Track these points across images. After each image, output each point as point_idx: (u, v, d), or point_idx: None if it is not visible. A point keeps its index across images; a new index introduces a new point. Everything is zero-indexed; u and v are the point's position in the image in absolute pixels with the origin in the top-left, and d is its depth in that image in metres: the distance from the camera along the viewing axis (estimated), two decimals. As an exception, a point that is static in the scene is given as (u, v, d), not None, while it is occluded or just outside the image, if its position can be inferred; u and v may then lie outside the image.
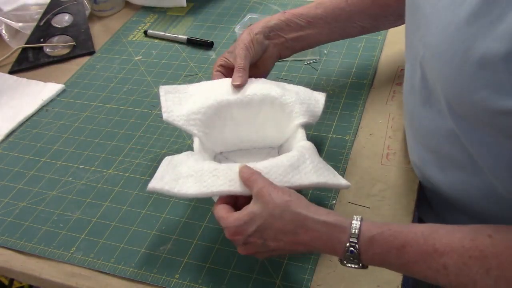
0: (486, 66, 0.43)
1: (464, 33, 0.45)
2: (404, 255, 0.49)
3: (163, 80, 0.93)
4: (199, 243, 0.65)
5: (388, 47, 0.92)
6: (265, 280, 0.60)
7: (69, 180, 0.76)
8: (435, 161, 0.61)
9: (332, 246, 0.52)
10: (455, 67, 0.47)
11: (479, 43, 0.44)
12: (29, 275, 0.65)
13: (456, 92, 0.48)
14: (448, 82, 0.49)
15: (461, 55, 0.46)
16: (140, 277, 0.62)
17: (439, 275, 0.48)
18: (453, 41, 0.47)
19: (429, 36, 0.51)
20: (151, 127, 0.83)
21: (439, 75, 0.51)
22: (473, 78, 0.45)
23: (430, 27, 0.51)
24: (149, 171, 0.75)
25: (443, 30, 0.48)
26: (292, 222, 0.52)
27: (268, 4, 1.10)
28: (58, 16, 1.09)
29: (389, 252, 0.50)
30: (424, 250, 0.48)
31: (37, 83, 0.96)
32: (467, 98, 0.47)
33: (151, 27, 1.09)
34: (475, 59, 0.44)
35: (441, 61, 0.49)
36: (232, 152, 0.72)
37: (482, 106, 0.46)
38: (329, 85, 0.86)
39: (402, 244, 0.49)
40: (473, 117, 0.49)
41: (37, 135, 0.85)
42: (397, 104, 0.81)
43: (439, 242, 0.48)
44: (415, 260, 0.49)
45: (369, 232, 0.50)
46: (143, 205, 0.70)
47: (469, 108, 0.48)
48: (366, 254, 0.50)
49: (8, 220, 0.71)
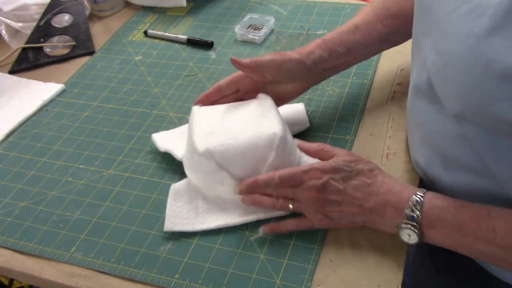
0: (509, 79, 0.43)
1: (485, 44, 0.45)
2: (460, 214, 0.54)
3: (163, 80, 0.93)
4: (199, 243, 0.65)
5: (388, 47, 0.92)
6: (265, 280, 0.60)
7: (69, 180, 0.76)
8: (441, 162, 0.61)
9: (398, 201, 0.57)
10: (474, 77, 0.46)
11: (501, 56, 0.43)
12: (29, 275, 0.65)
13: (473, 103, 0.48)
14: (465, 92, 0.48)
15: (482, 67, 0.45)
16: (140, 277, 0.62)
17: (488, 236, 0.52)
18: (473, 52, 0.46)
19: (445, 44, 0.50)
20: (151, 127, 0.83)
21: (455, 84, 0.50)
22: (494, 90, 0.45)
23: (445, 35, 0.50)
24: (149, 171, 0.75)
25: (462, 40, 0.47)
26: (373, 183, 0.59)
27: (268, 4, 1.10)
28: (58, 16, 1.09)
29: (447, 208, 0.54)
30: (479, 212, 0.53)
31: (37, 83, 0.96)
32: (485, 109, 0.47)
33: (151, 27, 1.09)
34: (497, 71, 0.44)
35: (458, 70, 0.48)
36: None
37: (501, 117, 0.46)
38: (329, 85, 0.86)
39: (461, 205, 0.54)
40: (488, 125, 0.49)
41: (37, 135, 0.85)
42: (397, 104, 0.80)
43: (492, 209, 0.53)
44: (470, 219, 0.53)
45: (432, 194, 0.56)
46: (143, 205, 0.70)
47: (485, 118, 0.48)
48: (427, 206, 0.55)
49: (8, 220, 0.71)
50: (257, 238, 0.64)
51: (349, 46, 0.72)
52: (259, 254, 0.62)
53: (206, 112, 0.70)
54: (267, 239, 0.64)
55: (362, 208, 0.59)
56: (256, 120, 0.67)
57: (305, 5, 1.08)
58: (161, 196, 0.71)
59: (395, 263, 0.59)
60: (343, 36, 0.72)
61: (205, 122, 0.68)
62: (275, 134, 0.64)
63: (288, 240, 0.63)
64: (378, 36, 0.73)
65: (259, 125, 0.65)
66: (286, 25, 1.02)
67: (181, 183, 0.70)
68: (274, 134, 0.64)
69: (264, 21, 1.02)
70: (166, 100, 0.88)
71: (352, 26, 0.73)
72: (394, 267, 0.59)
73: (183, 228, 0.65)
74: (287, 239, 0.64)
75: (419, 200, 0.55)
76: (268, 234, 0.64)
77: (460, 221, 0.54)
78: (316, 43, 0.72)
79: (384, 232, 0.61)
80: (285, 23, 1.03)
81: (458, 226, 0.54)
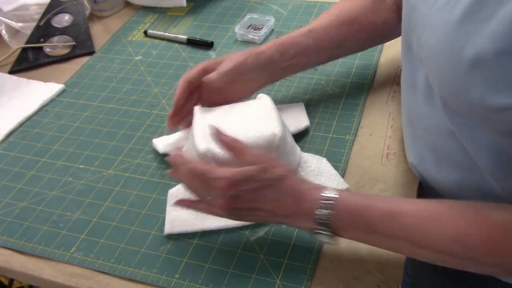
0: (480, 64, 0.44)
1: (457, 32, 0.46)
2: (370, 216, 0.54)
3: (163, 80, 0.93)
4: (199, 243, 0.65)
5: (388, 47, 0.92)
6: (265, 280, 0.60)
7: (69, 180, 0.76)
8: (433, 160, 0.61)
9: (308, 208, 0.56)
10: (451, 66, 0.47)
11: (472, 42, 0.44)
12: (29, 275, 0.65)
13: (452, 91, 0.49)
14: (444, 81, 0.49)
15: (456, 54, 0.46)
16: (140, 277, 0.62)
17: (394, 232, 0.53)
18: (448, 41, 0.47)
19: (426, 37, 0.51)
20: (151, 127, 0.83)
21: (435, 75, 0.51)
22: (468, 77, 0.45)
23: (427, 28, 0.51)
24: (149, 171, 0.75)
25: (439, 30, 0.48)
26: (289, 193, 0.57)
27: (268, 4, 1.10)
28: (58, 16, 1.09)
29: (355, 210, 0.54)
30: (388, 211, 0.53)
31: (37, 83, 0.96)
32: (463, 96, 0.47)
33: (151, 27, 1.09)
34: (469, 57, 0.44)
35: (437, 61, 0.49)
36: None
37: (479, 103, 0.46)
38: (329, 85, 0.86)
39: (368, 206, 0.54)
40: (470, 114, 0.50)
41: (37, 135, 0.85)
42: (397, 104, 0.81)
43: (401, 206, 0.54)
44: (379, 221, 0.53)
45: (342, 196, 0.55)
46: (143, 205, 0.71)
47: (466, 106, 0.49)
48: (337, 209, 0.54)
49: (8, 220, 0.71)
50: (257, 238, 0.64)
51: (301, 49, 0.74)
52: (259, 254, 0.62)
53: (207, 112, 0.70)
54: (267, 239, 0.64)
55: (275, 214, 0.58)
56: (256, 121, 0.67)
57: (305, 5, 1.08)
58: (161, 196, 0.71)
59: (395, 263, 0.59)
60: (296, 39, 0.75)
61: (206, 122, 0.68)
62: (275, 135, 0.64)
63: (288, 240, 0.63)
64: (331, 41, 0.75)
65: (259, 126, 0.65)
66: (286, 25, 1.02)
67: (177, 187, 0.71)
68: (273, 135, 0.64)
69: (264, 21, 1.02)
70: (166, 100, 0.88)
71: (307, 30, 0.75)
72: (394, 267, 0.59)
73: (182, 230, 0.66)
74: (287, 239, 0.64)
75: (328, 205, 0.55)
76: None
77: (368, 222, 0.54)
78: (269, 45, 0.74)
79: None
80: (285, 23, 1.03)
81: (370, 229, 0.54)
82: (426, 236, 0.51)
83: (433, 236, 0.51)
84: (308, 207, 0.55)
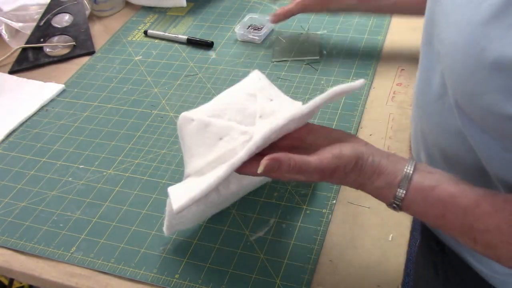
0: (500, 70, 0.43)
1: (480, 33, 0.44)
2: (441, 221, 0.51)
3: (163, 80, 0.93)
4: (199, 243, 0.65)
5: (388, 47, 0.92)
6: (265, 280, 0.60)
7: (69, 180, 0.76)
8: (442, 159, 0.61)
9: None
10: (468, 67, 0.46)
11: (495, 45, 0.43)
12: (29, 275, 0.65)
13: (466, 92, 0.48)
14: (460, 81, 0.48)
15: (476, 56, 0.45)
16: (140, 277, 0.62)
17: (469, 244, 0.50)
18: (469, 41, 0.46)
19: (446, 33, 0.50)
20: (151, 127, 0.83)
21: (452, 73, 0.50)
22: (485, 80, 0.44)
23: (448, 24, 0.50)
24: (149, 171, 0.75)
25: (461, 28, 0.47)
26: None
27: (268, 4, 1.10)
28: (58, 16, 1.09)
29: (427, 213, 0.52)
30: (462, 224, 0.50)
31: (37, 83, 0.96)
32: (476, 100, 0.46)
33: (151, 27, 1.09)
34: (489, 60, 0.43)
35: (455, 59, 0.48)
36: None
37: (491, 109, 0.45)
38: (329, 85, 0.86)
39: (442, 214, 0.51)
40: (479, 118, 0.49)
41: (37, 135, 0.85)
42: (397, 104, 0.81)
43: (477, 221, 0.49)
44: (449, 227, 0.51)
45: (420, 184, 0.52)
46: (143, 205, 0.71)
47: (477, 110, 0.48)
48: (413, 185, 0.51)
49: (8, 220, 0.71)
50: (257, 238, 0.64)
51: None
52: (259, 254, 0.62)
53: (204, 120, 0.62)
54: (267, 239, 0.64)
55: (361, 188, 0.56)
56: (270, 110, 0.62)
57: None
58: (161, 196, 0.71)
59: (395, 263, 0.59)
60: None
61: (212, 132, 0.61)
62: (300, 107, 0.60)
63: (288, 240, 0.63)
64: None
65: (278, 113, 0.62)
66: (286, 25, 1.02)
67: (177, 184, 0.64)
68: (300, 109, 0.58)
69: (264, 21, 1.02)
70: (166, 100, 0.88)
71: None
72: (394, 267, 0.59)
73: (190, 196, 0.54)
74: (287, 239, 0.64)
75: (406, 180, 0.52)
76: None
77: (440, 226, 0.52)
78: None
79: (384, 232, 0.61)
80: (285, 23, 1.03)
81: (439, 228, 0.53)
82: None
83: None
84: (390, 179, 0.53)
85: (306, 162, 0.51)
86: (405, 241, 0.62)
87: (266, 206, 0.68)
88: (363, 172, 0.53)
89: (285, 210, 0.67)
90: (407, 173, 0.52)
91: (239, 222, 0.67)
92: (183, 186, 0.60)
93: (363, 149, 0.53)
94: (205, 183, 0.54)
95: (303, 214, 0.66)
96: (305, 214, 0.66)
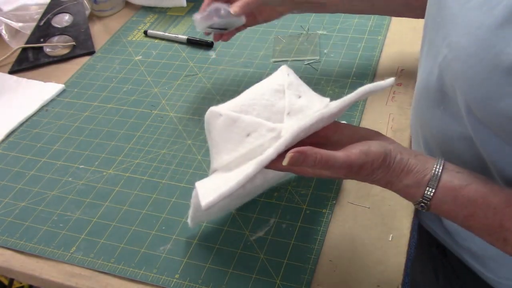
0: None
1: (496, 36, 0.44)
2: (470, 221, 0.51)
3: (163, 80, 0.93)
4: (199, 243, 0.65)
5: (388, 47, 0.92)
6: (265, 280, 0.60)
7: (69, 180, 0.76)
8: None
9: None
10: (483, 71, 0.45)
11: (511, 49, 0.42)
12: (29, 275, 0.65)
13: (481, 97, 0.47)
14: (473, 86, 0.47)
15: (491, 60, 0.44)
16: (140, 277, 0.62)
17: (498, 245, 0.50)
18: (483, 44, 0.45)
19: (455, 37, 0.49)
20: (151, 127, 0.83)
21: (463, 78, 0.49)
22: (501, 85, 0.44)
23: (457, 28, 0.49)
24: (149, 171, 0.75)
25: (472, 32, 0.46)
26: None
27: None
28: (58, 16, 1.09)
29: (456, 212, 0.51)
30: (492, 223, 0.49)
31: (37, 83, 0.96)
32: (492, 105, 0.46)
33: (151, 27, 1.09)
34: (506, 64, 0.43)
35: (468, 63, 0.47)
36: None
37: (507, 114, 0.44)
38: (329, 85, 0.86)
39: (472, 213, 0.50)
40: (494, 123, 0.48)
41: (37, 135, 0.85)
42: (397, 104, 0.81)
43: (508, 221, 0.49)
44: (479, 227, 0.51)
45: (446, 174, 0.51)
46: (143, 205, 0.71)
47: (492, 115, 0.47)
48: (441, 186, 0.51)
49: (8, 220, 0.71)
50: (257, 238, 0.64)
51: None
52: (259, 254, 0.62)
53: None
54: (267, 239, 0.64)
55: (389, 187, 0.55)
56: (298, 106, 0.62)
57: None
58: (161, 196, 0.71)
59: (395, 263, 0.59)
60: None
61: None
62: (327, 105, 0.61)
63: (288, 240, 0.63)
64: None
65: (308, 109, 0.62)
66: (286, 25, 1.02)
67: (204, 179, 0.62)
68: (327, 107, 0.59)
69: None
70: (166, 100, 0.88)
71: None
72: (394, 267, 0.59)
73: (218, 192, 0.54)
74: (287, 239, 0.64)
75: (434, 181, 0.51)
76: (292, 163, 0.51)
77: (468, 227, 0.52)
78: None
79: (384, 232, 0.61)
80: (285, 23, 1.03)
81: (467, 228, 0.52)
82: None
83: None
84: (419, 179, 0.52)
85: (333, 157, 0.50)
86: (405, 241, 0.62)
87: (266, 206, 0.68)
88: (391, 169, 0.52)
89: (285, 210, 0.67)
90: (436, 172, 0.51)
91: (239, 222, 0.67)
92: (211, 182, 0.59)
93: (391, 146, 0.53)
94: (233, 181, 0.53)
95: (303, 214, 0.66)
96: (305, 214, 0.66)
